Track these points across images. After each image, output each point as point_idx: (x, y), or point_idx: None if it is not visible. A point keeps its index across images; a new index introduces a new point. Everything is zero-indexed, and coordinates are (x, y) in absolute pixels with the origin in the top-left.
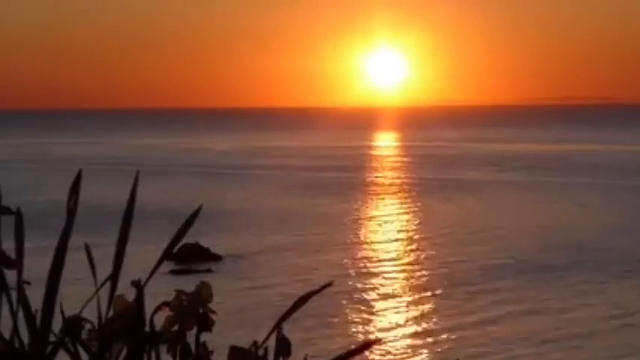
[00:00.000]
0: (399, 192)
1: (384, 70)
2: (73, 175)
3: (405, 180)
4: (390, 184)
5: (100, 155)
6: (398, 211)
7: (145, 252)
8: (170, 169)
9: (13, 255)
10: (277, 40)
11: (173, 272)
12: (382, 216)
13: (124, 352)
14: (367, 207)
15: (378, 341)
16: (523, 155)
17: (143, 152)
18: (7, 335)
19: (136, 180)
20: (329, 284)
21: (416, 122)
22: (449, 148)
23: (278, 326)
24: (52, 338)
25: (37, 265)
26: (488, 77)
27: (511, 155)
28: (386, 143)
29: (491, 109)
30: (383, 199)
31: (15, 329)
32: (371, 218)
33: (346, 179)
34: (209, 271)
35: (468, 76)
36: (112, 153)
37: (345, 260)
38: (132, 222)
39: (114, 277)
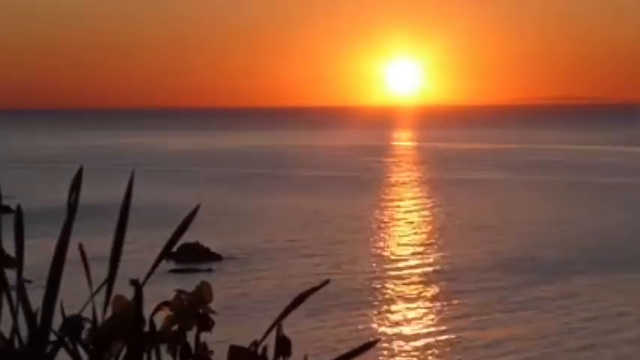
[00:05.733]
0: (404, 190)
1: (402, 73)
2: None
3: (410, 178)
4: (398, 183)
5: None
6: (403, 210)
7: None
8: (173, 168)
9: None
10: (303, 49)
11: (173, 272)
12: (388, 216)
13: (124, 351)
14: (371, 207)
15: (377, 342)
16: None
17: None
18: (7, 334)
19: (131, 179)
20: (326, 282)
21: (431, 121)
22: (456, 147)
23: (277, 324)
24: (52, 337)
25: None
26: (495, 78)
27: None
28: (399, 143)
29: (496, 108)
30: (389, 198)
31: (15, 328)
32: (375, 218)
33: (350, 179)
34: (209, 270)
35: (475, 78)
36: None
37: (348, 260)
38: (128, 221)
39: (110, 277)
